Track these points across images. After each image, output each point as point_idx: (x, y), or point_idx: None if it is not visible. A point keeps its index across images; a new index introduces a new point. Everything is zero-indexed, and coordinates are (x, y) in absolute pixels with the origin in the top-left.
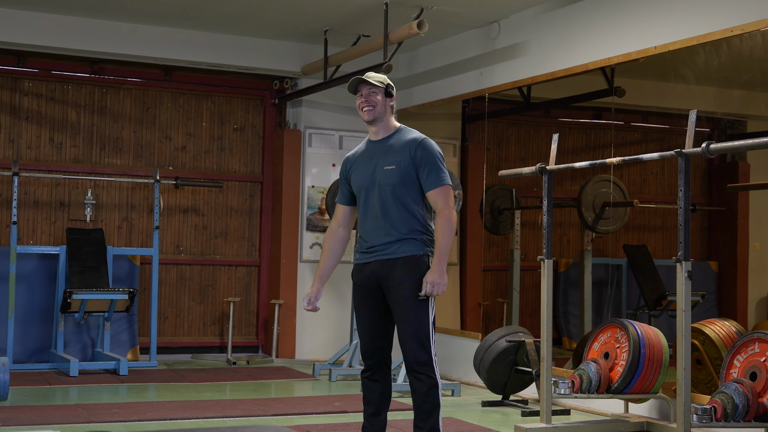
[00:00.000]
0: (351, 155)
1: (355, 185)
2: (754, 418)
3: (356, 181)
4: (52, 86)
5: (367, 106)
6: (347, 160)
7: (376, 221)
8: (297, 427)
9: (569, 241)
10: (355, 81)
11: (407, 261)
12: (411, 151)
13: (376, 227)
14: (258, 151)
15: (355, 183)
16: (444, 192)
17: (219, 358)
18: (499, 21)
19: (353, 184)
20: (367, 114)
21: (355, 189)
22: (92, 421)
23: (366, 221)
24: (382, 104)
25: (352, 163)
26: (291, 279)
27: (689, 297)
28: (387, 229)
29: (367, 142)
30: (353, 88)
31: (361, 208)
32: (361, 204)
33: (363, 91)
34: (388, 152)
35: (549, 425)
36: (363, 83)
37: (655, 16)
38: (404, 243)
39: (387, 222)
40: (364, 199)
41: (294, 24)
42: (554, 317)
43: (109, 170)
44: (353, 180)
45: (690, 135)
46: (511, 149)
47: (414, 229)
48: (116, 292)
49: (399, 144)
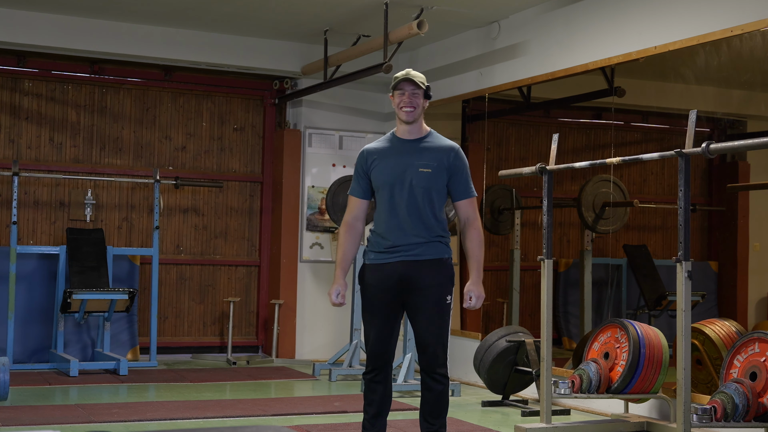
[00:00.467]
0: (372, 149)
1: (378, 180)
2: (754, 418)
3: (381, 176)
4: (52, 86)
5: (409, 107)
6: (368, 154)
7: (403, 221)
8: (297, 427)
9: (569, 241)
10: (401, 79)
11: (436, 263)
12: (447, 158)
13: (402, 227)
14: (258, 151)
15: (378, 178)
16: (474, 203)
17: (219, 358)
18: (499, 21)
19: (376, 179)
20: (407, 114)
21: (377, 184)
22: (92, 421)
23: (390, 219)
24: (422, 106)
25: (374, 158)
26: (291, 279)
27: (689, 297)
28: (415, 229)
29: (394, 139)
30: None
31: (384, 204)
32: (384, 200)
33: (407, 90)
34: (423, 154)
35: (549, 425)
36: (407, 82)
37: (655, 16)
38: (431, 245)
39: (416, 223)
40: (388, 197)
41: (294, 24)
42: (554, 317)
43: (109, 170)
44: (376, 175)
45: (690, 135)
46: (511, 149)
47: (438, 233)
48: (116, 292)
49: (434, 148)
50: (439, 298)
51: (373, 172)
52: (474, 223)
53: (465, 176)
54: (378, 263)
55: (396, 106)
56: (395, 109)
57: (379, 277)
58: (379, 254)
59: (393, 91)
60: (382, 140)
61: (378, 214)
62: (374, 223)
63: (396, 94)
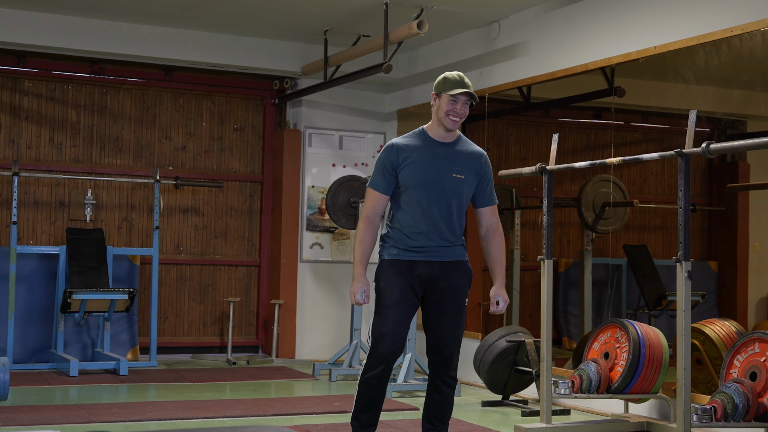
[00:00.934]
0: (403, 145)
1: (410, 180)
2: (754, 418)
3: (413, 176)
4: (52, 86)
5: (457, 117)
6: (398, 149)
7: (433, 223)
8: (297, 427)
9: (569, 241)
10: (459, 90)
11: (460, 266)
12: (478, 165)
13: (431, 229)
14: (258, 151)
15: (410, 178)
16: (496, 210)
17: (219, 358)
18: (499, 21)
19: (408, 178)
20: (453, 125)
21: (408, 183)
22: (92, 421)
23: (416, 220)
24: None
25: (406, 155)
26: (291, 279)
27: (689, 297)
28: (444, 233)
29: (428, 140)
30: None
31: (413, 205)
32: (413, 201)
33: (460, 99)
34: (456, 159)
35: (549, 425)
36: (465, 94)
37: (655, 16)
38: (455, 248)
39: (446, 226)
40: (417, 198)
41: (294, 24)
42: (554, 317)
43: (109, 170)
44: (409, 174)
45: (690, 135)
46: (511, 149)
47: (461, 236)
48: (116, 292)
49: (465, 153)
50: (461, 300)
51: (404, 170)
52: (498, 230)
53: (491, 183)
54: (402, 259)
55: (443, 111)
56: (439, 112)
57: (403, 272)
58: (403, 251)
59: (443, 94)
60: (411, 137)
61: (404, 214)
62: (396, 220)
63: (447, 99)
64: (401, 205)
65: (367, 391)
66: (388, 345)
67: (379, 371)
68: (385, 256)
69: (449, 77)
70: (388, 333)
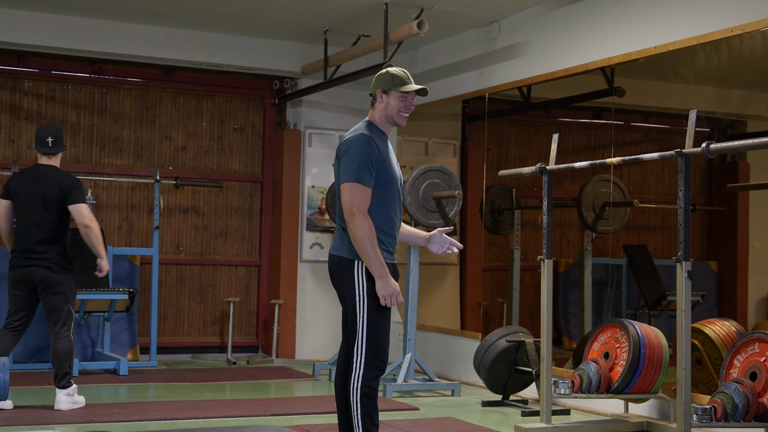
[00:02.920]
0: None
1: (388, 174)
2: (754, 418)
3: (391, 170)
4: (52, 86)
5: (408, 113)
6: (376, 143)
7: (399, 222)
8: (297, 427)
9: (569, 241)
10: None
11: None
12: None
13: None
14: (258, 151)
15: (388, 172)
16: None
17: (219, 358)
18: (499, 21)
19: (386, 172)
20: (404, 121)
21: (387, 177)
22: (92, 421)
23: (396, 218)
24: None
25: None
26: (291, 279)
27: (689, 297)
28: (398, 231)
29: (381, 132)
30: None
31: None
32: (391, 197)
33: (410, 98)
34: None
35: (549, 425)
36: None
37: (655, 16)
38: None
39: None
40: (393, 195)
41: (294, 24)
42: (554, 317)
43: (109, 170)
44: (387, 167)
45: (690, 135)
46: (511, 149)
47: None
48: (116, 292)
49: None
50: None
51: (383, 163)
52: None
53: None
54: (390, 263)
55: (394, 109)
56: (388, 110)
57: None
58: (391, 255)
59: (392, 91)
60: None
61: (384, 211)
62: (378, 219)
63: (398, 96)
64: (381, 203)
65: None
66: (385, 349)
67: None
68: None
69: (396, 73)
70: (383, 337)
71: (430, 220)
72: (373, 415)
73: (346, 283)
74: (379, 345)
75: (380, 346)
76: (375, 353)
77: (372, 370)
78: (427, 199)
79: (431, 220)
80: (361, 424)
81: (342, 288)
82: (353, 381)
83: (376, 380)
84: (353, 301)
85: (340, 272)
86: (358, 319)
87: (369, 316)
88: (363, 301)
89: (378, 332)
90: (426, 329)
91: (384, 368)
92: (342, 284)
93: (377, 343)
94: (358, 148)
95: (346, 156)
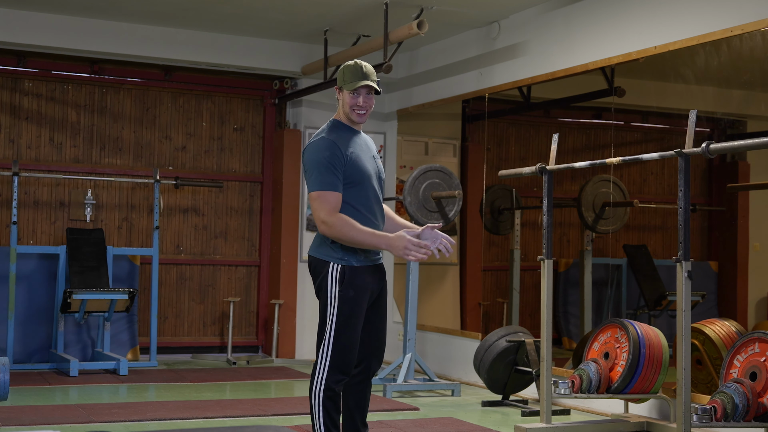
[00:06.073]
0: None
1: (358, 174)
2: (754, 418)
3: (362, 169)
4: (52, 86)
5: (363, 110)
6: (339, 144)
7: (380, 220)
8: (297, 427)
9: (569, 241)
10: (363, 84)
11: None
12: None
13: (380, 227)
14: (258, 151)
15: (358, 172)
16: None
17: (219, 358)
18: (499, 21)
19: (356, 173)
20: (360, 118)
21: (356, 178)
22: (92, 421)
23: (374, 216)
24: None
25: (347, 149)
26: (291, 279)
27: (689, 297)
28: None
29: (348, 129)
30: (354, 86)
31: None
32: (365, 196)
33: (363, 93)
34: (369, 146)
35: (549, 425)
36: (365, 87)
37: (655, 16)
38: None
39: (382, 221)
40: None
41: (294, 24)
42: (554, 317)
43: (109, 170)
44: (357, 167)
45: (690, 135)
46: (511, 149)
47: None
48: (116, 292)
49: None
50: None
51: (351, 164)
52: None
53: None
54: (368, 265)
55: (347, 106)
56: (344, 107)
57: (369, 279)
58: (368, 256)
59: (345, 88)
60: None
61: (358, 212)
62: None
63: (349, 95)
64: (354, 204)
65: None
66: (352, 355)
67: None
68: (353, 263)
69: (349, 68)
70: (351, 343)
71: (430, 220)
72: (335, 419)
73: (321, 283)
74: (347, 348)
75: (348, 349)
76: (341, 356)
77: (337, 374)
78: (427, 199)
79: (431, 220)
80: (323, 427)
81: (318, 289)
82: (317, 382)
83: (341, 384)
84: (324, 302)
85: (315, 273)
86: (327, 321)
87: (338, 319)
88: (334, 303)
89: (346, 335)
90: (426, 329)
91: (349, 373)
92: (318, 285)
93: (344, 346)
94: (317, 155)
95: (306, 166)
